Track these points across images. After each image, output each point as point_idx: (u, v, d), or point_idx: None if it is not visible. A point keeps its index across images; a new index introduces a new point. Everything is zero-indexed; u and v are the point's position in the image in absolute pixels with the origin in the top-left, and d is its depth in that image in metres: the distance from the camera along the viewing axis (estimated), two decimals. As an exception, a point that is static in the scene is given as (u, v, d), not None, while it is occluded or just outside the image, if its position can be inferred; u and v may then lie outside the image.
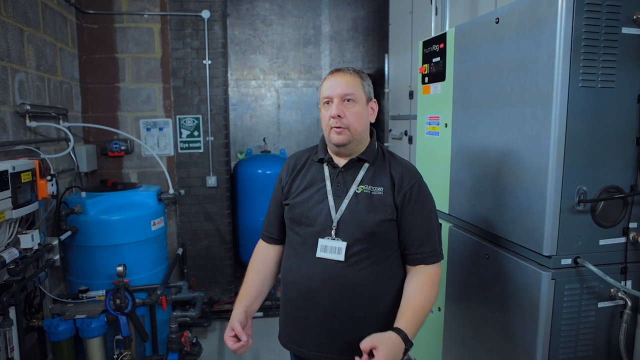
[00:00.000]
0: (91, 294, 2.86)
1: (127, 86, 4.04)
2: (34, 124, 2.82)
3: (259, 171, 4.47)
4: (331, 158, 1.55)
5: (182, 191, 3.65)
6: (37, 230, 2.20)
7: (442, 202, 2.24)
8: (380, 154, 1.55)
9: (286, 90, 5.18)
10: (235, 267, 4.69)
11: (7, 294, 1.96)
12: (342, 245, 1.45)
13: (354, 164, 1.52)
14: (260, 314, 4.19)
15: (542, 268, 1.58)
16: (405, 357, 1.30)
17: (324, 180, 1.53)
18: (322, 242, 1.47)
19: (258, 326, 4.09)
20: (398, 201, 1.46)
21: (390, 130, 4.08)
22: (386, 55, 4.21)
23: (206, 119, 4.16)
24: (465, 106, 2.02)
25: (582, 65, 1.47)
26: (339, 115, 1.44)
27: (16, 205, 1.92)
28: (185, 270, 4.03)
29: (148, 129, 4.10)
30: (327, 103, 1.49)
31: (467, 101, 2.00)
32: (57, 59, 3.36)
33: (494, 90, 1.80)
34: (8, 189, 1.84)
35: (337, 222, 1.46)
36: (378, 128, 4.62)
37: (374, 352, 1.25)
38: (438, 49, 2.24)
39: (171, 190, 3.35)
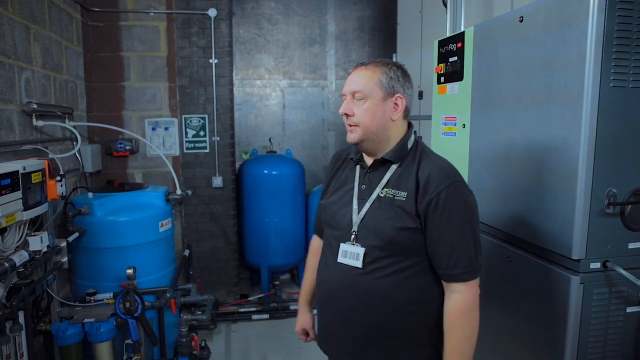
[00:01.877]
0: (99, 296, 2.81)
1: (132, 85, 3.99)
2: (40, 123, 2.77)
3: (265, 172, 4.42)
4: (362, 157, 1.49)
5: (189, 192, 3.61)
6: (45, 232, 2.15)
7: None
8: (412, 153, 1.42)
9: (291, 90, 5.13)
10: (240, 269, 4.65)
11: (17, 297, 1.92)
12: (361, 251, 1.39)
13: (381, 165, 1.43)
14: (266, 315, 4.16)
15: (571, 272, 1.54)
16: None
17: (354, 182, 1.48)
18: (343, 246, 1.43)
19: (264, 329, 4.07)
20: (421, 209, 1.32)
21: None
22: (394, 55, 4.17)
23: (212, 118, 4.11)
24: (485, 106, 1.98)
25: (614, 65, 1.43)
26: (346, 114, 1.40)
27: (27, 207, 1.87)
28: (191, 272, 3.99)
29: (153, 129, 4.05)
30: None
31: (487, 101, 1.96)
32: (62, 57, 3.31)
33: (517, 90, 1.76)
34: (19, 189, 1.79)
35: (358, 227, 1.40)
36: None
37: None
38: (455, 48, 2.20)
39: (178, 191, 3.30)
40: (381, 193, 1.39)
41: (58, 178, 2.17)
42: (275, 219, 4.44)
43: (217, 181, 4.15)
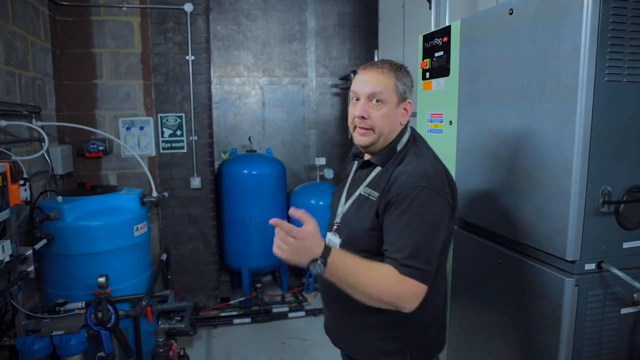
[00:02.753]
0: (70, 306, 2.66)
1: (105, 83, 3.83)
2: (3, 123, 2.60)
3: (245, 172, 4.30)
4: (360, 152, 1.54)
5: (166, 193, 3.47)
6: (8, 241, 2.00)
7: (446, 204, 2.13)
8: (397, 155, 1.41)
9: (271, 88, 5.02)
10: (220, 272, 4.52)
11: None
12: (337, 242, 1.44)
13: (370, 164, 1.46)
14: (248, 319, 4.05)
15: (565, 274, 1.48)
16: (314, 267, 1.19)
17: (349, 178, 1.55)
18: (328, 235, 1.51)
19: (246, 333, 3.95)
20: (382, 207, 1.32)
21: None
22: (375, 51, 4.10)
23: (189, 117, 3.98)
24: (473, 102, 1.92)
25: (609, 58, 1.38)
26: (362, 116, 1.38)
27: (-16, 214, 1.74)
28: (169, 277, 3.85)
29: (128, 128, 3.90)
30: (356, 100, 1.42)
31: (476, 97, 1.90)
32: (28, 53, 3.14)
33: (507, 84, 1.70)
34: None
35: (340, 219, 1.48)
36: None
37: (303, 225, 1.21)
38: (441, 42, 2.13)
39: (154, 193, 3.17)
40: (362, 191, 1.44)
41: (21, 182, 2.02)
42: (256, 220, 4.33)
43: (196, 182, 4.02)
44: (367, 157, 1.49)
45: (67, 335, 2.30)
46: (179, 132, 3.99)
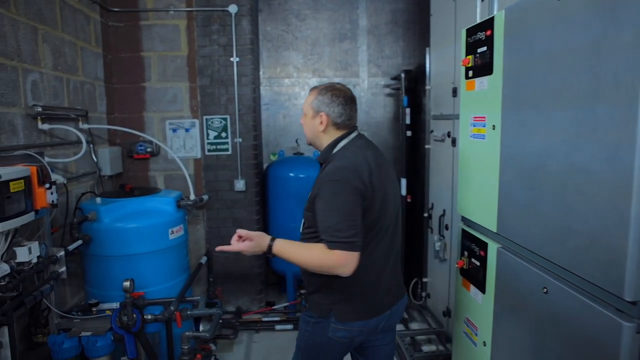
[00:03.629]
0: (105, 306, 2.69)
1: (152, 86, 3.88)
2: (46, 126, 2.67)
3: (291, 174, 4.20)
4: None
5: (205, 196, 3.45)
6: (35, 242, 2.02)
7: (488, 218, 1.88)
8: (332, 157, 1.82)
9: (321, 89, 4.89)
10: (266, 276, 4.47)
11: (-2, 312, 1.79)
12: (301, 222, 1.91)
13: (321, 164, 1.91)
14: (290, 326, 3.94)
15: (623, 317, 1.21)
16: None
17: None
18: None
19: (287, 340, 3.84)
20: (312, 198, 1.77)
21: (432, 131, 3.72)
22: (427, 49, 3.84)
23: (234, 119, 3.94)
24: (517, 104, 1.67)
25: (682, 49, 1.10)
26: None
27: (3, 218, 1.74)
28: (210, 279, 3.83)
29: (174, 130, 3.93)
30: None
31: (520, 98, 1.64)
32: (77, 58, 3.22)
33: (555, 83, 1.44)
34: (-10, 200, 1.66)
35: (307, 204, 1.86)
36: (419, 129, 4.26)
37: (246, 240, 1.77)
38: (484, 36, 1.89)
39: (192, 196, 3.14)
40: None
41: (47, 185, 2.03)
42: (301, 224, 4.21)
43: (240, 184, 3.98)
44: None
45: (94, 337, 2.30)
46: (223, 134, 3.97)
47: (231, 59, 3.85)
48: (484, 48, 1.88)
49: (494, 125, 1.83)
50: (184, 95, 3.91)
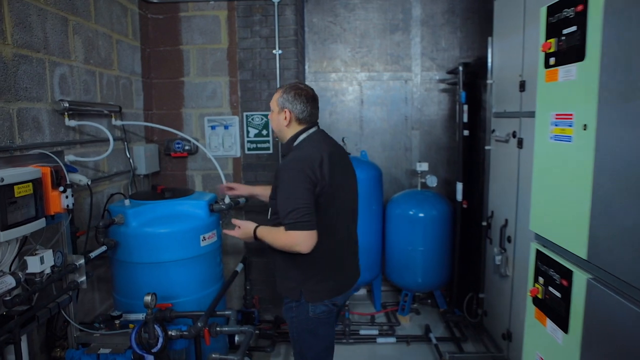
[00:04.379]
0: (130, 317, 2.51)
1: (191, 80, 3.70)
2: (73, 122, 2.51)
3: (335, 176, 3.90)
4: None
5: (242, 199, 3.21)
6: (49, 251, 1.84)
7: (574, 240, 1.51)
8: (292, 150, 2.08)
9: (370, 84, 4.56)
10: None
11: (3, 330, 1.61)
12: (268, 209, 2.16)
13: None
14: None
15: None
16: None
17: None
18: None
19: None
20: (274, 186, 2.02)
21: (494, 131, 3.31)
22: (489, 38, 3.43)
23: (276, 116, 3.68)
24: (624, 98, 1.28)
25: None
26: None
27: (4, 226, 1.56)
28: (247, 287, 3.60)
29: (213, 128, 3.73)
30: None
31: (628, 90, 1.26)
32: (112, 51, 3.07)
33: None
34: (-11, 206, 1.47)
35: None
36: (478, 128, 3.85)
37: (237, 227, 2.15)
38: (573, 14, 1.51)
39: (227, 199, 2.91)
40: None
41: (61, 189, 1.84)
42: (347, 230, 3.91)
43: (280, 186, 3.72)
44: None
45: (113, 355, 2.11)
46: (264, 132, 3.73)
47: (273, 51, 3.59)
48: (573, 28, 1.50)
49: (585, 125, 1.44)
50: (223, 91, 3.70)
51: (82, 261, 2.13)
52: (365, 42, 4.48)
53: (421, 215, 3.84)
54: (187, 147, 3.69)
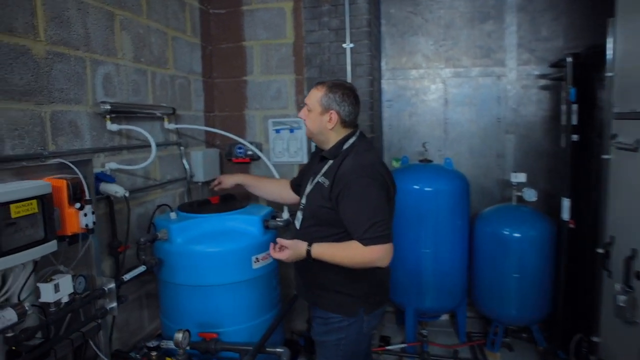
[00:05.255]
0: (169, 344, 2.21)
1: (255, 79, 3.40)
2: (114, 127, 2.27)
3: (415, 187, 3.39)
4: (320, 150, 2.06)
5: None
6: (67, 277, 1.57)
7: None
8: (345, 153, 1.90)
9: (456, 81, 4.00)
10: (388, 284, 3.72)
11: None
12: (301, 217, 2.00)
13: (324, 159, 1.97)
14: None
15: None
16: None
17: (314, 168, 2.05)
18: (297, 213, 2.04)
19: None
20: (334, 196, 1.82)
21: (615, 136, 2.63)
22: (609, 20, 2.75)
23: (346, 118, 3.27)
24: None
25: None
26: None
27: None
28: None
29: (277, 131, 3.40)
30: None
31: None
32: (167, 49, 2.83)
33: None
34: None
35: (305, 200, 1.99)
36: (590, 131, 3.15)
37: (283, 249, 1.86)
38: None
39: (284, 214, 2.55)
40: (319, 179, 1.93)
41: (77, 206, 1.57)
42: (427, 250, 3.39)
43: (350, 197, 3.30)
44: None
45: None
46: (333, 137, 3.32)
47: (343, 45, 3.18)
48: None
49: None
50: (288, 90, 3.36)
51: (112, 285, 1.86)
52: (450, 33, 3.92)
53: (517, 235, 3.22)
54: (249, 152, 3.40)
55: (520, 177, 3.42)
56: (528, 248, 3.22)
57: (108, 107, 2.20)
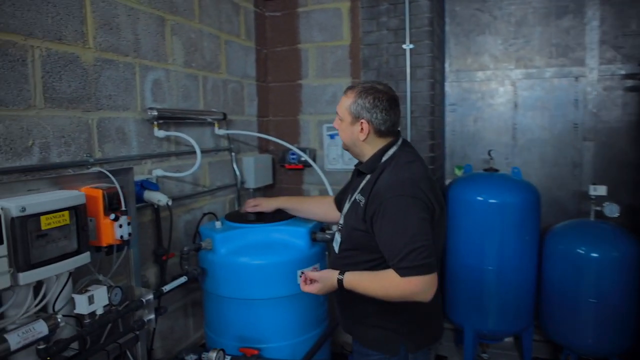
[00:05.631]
0: (210, 355, 2.14)
1: (310, 83, 3.29)
2: (161, 133, 2.25)
3: (479, 198, 3.13)
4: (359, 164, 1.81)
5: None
6: (103, 288, 1.53)
7: None
8: (382, 166, 1.65)
9: (527, 83, 3.67)
10: (439, 319, 3.49)
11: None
12: (340, 240, 1.78)
13: (361, 173, 1.74)
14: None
15: None
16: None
17: (353, 183, 1.83)
18: (336, 234, 1.84)
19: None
20: (369, 216, 1.58)
21: None
22: None
23: (405, 124, 3.09)
24: None
25: None
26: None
27: (28, 265, 1.26)
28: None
29: (332, 137, 3.27)
30: None
31: None
32: (220, 53, 2.79)
33: None
34: (1, 242, 1.17)
35: (342, 220, 1.79)
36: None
37: (313, 282, 1.65)
38: None
39: (334, 226, 2.40)
40: (356, 197, 1.70)
41: (112, 217, 1.52)
42: (491, 266, 3.11)
43: (406, 207, 3.10)
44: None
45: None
46: (390, 143, 3.15)
47: (403, 46, 3.00)
48: None
49: None
50: (344, 95, 3.22)
51: (150, 296, 1.81)
52: (521, 31, 3.61)
53: (595, 255, 2.87)
54: (302, 159, 3.29)
55: (601, 190, 3.06)
56: (608, 270, 2.86)
57: (155, 113, 2.17)
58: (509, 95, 3.75)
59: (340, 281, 1.59)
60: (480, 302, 3.18)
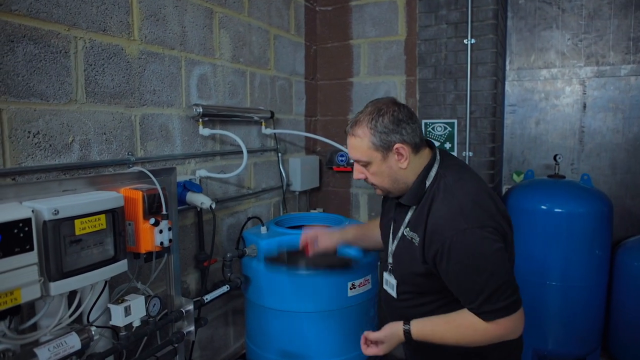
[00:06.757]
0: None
1: (361, 81, 3.11)
2: (206, 131, 2.12)
3: (542, 207, 2.85)
4: None
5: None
6: (140, 298, 1.41)
7: None
8: (429, 191, 1.38)
9: (598, 82, 3.35)
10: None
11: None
12: (394, 282, 1.49)
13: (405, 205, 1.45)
14: None
15: None
16: None
17: (393, 213, 1.51)
18: (385, 275, 1.56)
19: None
20: (429, 258, 1.33)
21: None
22: None
23: (463, 125, 2.86)
24: None
25: None
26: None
27: (60, 274, 1.14)
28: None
29: (383, 138, 3.07)
30: None
31: None
32: (269, 48, 2.65)
33: None
34: (31, 249, 1.06)
35: (392, 259, 1.50)
36: None
37: (377, 344, 1.40)
38: None
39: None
40: (405, 232, 1.42)
41: (152, 221, 1.39)
42: (555, 281, 2.84)
43: (463, 215, 2.87)
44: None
45: None
46: (447, 145, 2.93)
47: (464, 40, 2.76)
48: None
49: None
50: (398, 93, 3.03)
51: (190, 307, 1.69)
52: (593, 24, 3.29)
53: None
54: (351, 161, 3.11)
55: (686, 202, 2.72)
56: (695, 293, 2.53)
57: (201, 110, 2.05)
58: (576, 96, 3.43)
59: (407, 332, 1.35)
60: (540, 320, 2.90)
